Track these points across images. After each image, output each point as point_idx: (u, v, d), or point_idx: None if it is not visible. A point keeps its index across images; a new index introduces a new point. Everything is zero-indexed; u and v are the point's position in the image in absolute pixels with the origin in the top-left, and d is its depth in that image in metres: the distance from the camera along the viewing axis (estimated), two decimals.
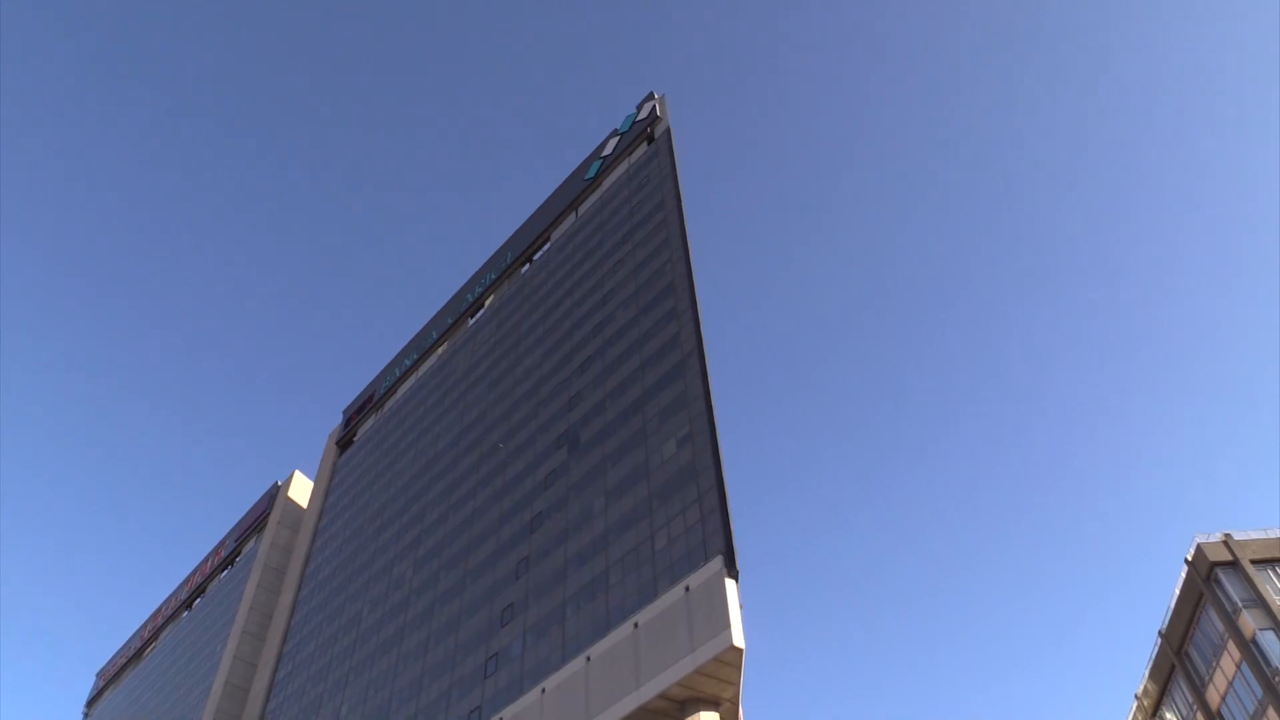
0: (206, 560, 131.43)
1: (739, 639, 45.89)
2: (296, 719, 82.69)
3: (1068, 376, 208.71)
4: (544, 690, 54.85)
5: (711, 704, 48.37)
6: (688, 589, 49.51)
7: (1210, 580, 60.67)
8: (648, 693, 48.23)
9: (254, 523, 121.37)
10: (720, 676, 47.22)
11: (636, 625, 51.37)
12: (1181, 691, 64.76)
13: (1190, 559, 61.63)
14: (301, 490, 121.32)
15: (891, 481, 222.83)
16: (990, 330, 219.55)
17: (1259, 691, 56.50)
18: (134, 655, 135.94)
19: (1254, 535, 61.41)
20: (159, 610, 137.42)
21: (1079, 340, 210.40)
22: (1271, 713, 55.22)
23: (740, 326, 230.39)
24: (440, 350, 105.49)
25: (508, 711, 56.69)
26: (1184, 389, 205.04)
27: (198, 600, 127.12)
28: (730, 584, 47.77)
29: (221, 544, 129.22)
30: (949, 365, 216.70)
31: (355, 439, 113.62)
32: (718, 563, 48.66)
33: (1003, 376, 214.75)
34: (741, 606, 47.55)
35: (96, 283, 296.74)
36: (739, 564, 48.49)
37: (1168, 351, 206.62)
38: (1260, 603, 58.14)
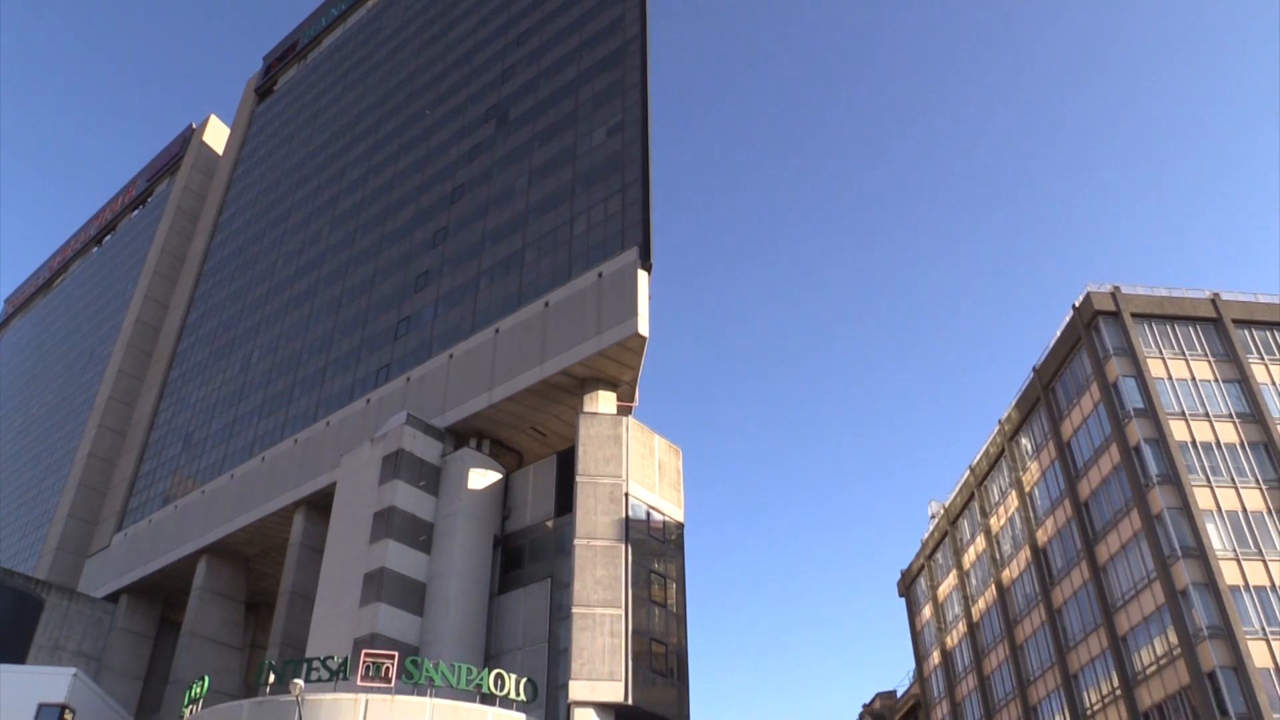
0: (117, 198, 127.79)
1: (644, 328, 47.75)
2: (207, 360, 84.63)
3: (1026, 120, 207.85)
4: (451, 356, 56.80)
5: (610, 385, 51.03)
6: (600, 275, 50.58)
7: (1091, 327, 64.28)
8: (551, 368, 50.49)
9: (167, 164, 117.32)
10: (622, 360, 49.51)
11: (547, 304, 52.74)
12: (1040, 422, 70.41)
13: (1077, 305, 64.86)
14: (217, 136, 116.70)
15: (817, 203, 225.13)
16: (928, 65, 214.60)
17: (1108, 429, 61.70)
18: (43, 285, 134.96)
19: (1140, 290, 64.46)
20: (67, 244, 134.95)
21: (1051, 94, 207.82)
22: (1114, 448, 60.74)
23: (689, 22, 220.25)
24: (370, 2, 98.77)
25: (415, 372, 58.81)
26: (1151, 156, 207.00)
27: (108, 237, 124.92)
28: (642, 275, 48.97)
29: (133, 183, 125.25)
30: (886, 96, 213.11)
31: (275, 89, 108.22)
32: (633, 254, 49.53)
33: (930, 117, 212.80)
34: (650, 297, 49.05)
35: None
36: (653, 258, 49.52)
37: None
38: (1130, 352, 62.15)
